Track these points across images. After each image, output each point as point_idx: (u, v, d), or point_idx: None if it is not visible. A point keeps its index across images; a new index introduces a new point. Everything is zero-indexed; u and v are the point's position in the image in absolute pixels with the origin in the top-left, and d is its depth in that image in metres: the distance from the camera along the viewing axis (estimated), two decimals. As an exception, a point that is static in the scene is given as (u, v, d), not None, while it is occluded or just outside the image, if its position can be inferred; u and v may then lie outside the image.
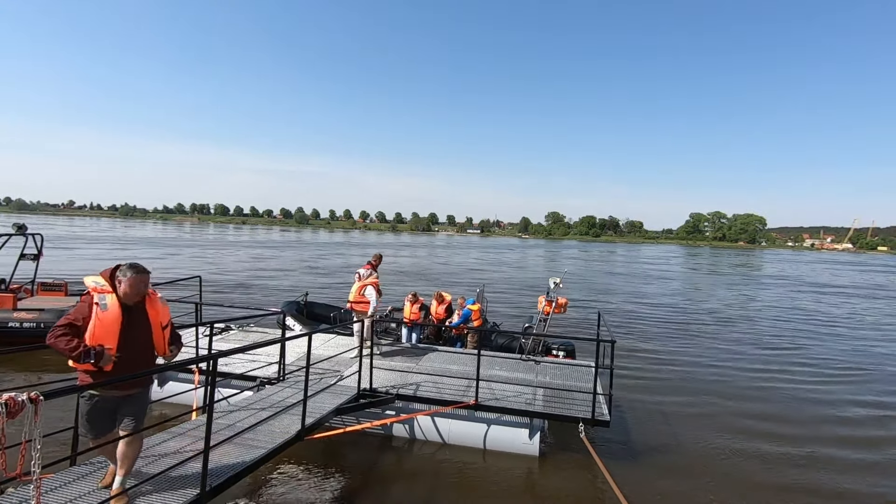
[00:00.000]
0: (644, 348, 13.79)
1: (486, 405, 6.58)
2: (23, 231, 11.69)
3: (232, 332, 9.62)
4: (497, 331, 10.75)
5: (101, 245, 45.03)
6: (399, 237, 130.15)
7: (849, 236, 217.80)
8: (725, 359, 13.09)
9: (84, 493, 3.60)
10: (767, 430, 8.22)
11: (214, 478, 3.97)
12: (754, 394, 10.13)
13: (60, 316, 10.58)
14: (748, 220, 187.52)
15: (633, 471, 6.48)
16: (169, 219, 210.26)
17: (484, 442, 6.76)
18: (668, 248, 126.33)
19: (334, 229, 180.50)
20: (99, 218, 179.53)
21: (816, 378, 11.60)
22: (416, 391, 6.91)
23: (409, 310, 9.80)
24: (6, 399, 2.73)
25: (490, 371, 7.82)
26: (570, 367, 8.55)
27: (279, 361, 7.10)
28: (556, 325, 11.05)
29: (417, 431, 6.92)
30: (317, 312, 11.80)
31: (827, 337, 17.20)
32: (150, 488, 3.73)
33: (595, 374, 6.84)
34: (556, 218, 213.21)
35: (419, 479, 6.04)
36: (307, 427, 5.29)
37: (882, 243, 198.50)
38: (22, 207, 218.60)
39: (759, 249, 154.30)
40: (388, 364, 7.88)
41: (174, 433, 4.77)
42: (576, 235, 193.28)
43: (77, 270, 24.16)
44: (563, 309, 9.68)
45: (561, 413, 6.50)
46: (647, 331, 16.60)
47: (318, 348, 8.56)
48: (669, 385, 10.44)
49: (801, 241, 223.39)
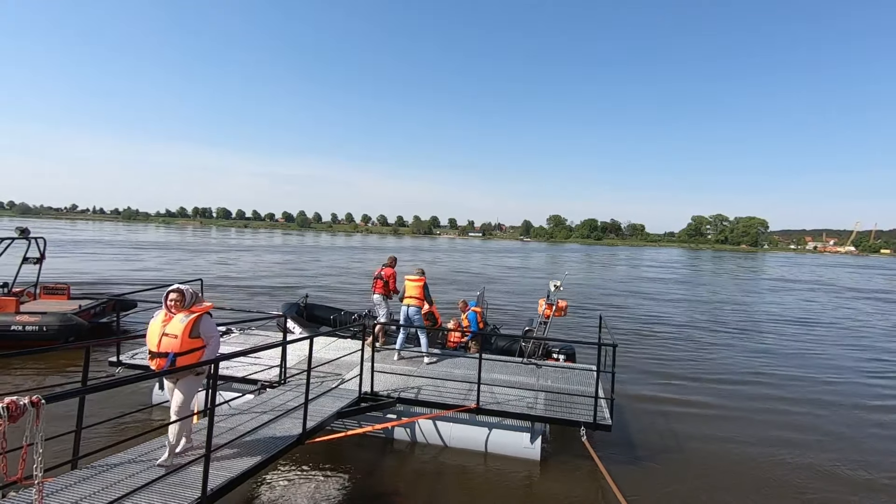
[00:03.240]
0: (646, 352, 13.75)
1: (487, 409, 6.57)
2: (25, 235, 11.75)
3: (233, 336, 9.63)
4: (497, 334, 10.73)
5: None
6: (401, 240, 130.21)
7: (851, 239, 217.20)
8: (730, 363, 13.04)
9: (86, 496, 3.60)
10: (770, 433, 8.19)
11: (215, 481, 3.97)
12: (757, 396, 10.10)
13: (63, 319, 10.68)
14: (750, 222, 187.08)
15: (635, 475, 6.46)
16: (171, 222, 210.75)
17: (485, 446, 6.75)
18: (669, 251, 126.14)
19: (336, 233, 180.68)
20: (101, 221, 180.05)
21: (821, 381, 11.55)
22: (417, 394, 6.91)
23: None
24: (8, 403, 2.74)
25: (491, 375, 7.81)
26: (571, 370, 8.53)
27: (280, 365, 7.10)
28: (556, 329, 11.03)
29: (419, 435, 6.91)
30: (317, 314, 11.79)
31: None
32: (151, 492, 3.73)
33: (597, 378, 6.83)
34: (558, 221, 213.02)
35: (420, 483, 6.03)
36: (308, 430, 5.29)
37: (885, 246, 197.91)
38: (25, 211, 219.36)
39: (761, 252, 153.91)
40: (390, 367, 7.87)
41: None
42: (577, 239, 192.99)
43: (78, 272, 24.25)
44: (563, 312, 9.66)
45: (562, 417, 6.48)
46: (650, 334, 16.55)
47: (320, 351, 8.56)
48: (671, 388, 10.40)
49: (804, 243, 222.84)
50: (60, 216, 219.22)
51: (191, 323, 4.29)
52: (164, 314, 4.36)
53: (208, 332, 4.41)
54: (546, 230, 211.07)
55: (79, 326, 10.78)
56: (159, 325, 4.31)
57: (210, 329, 4.43)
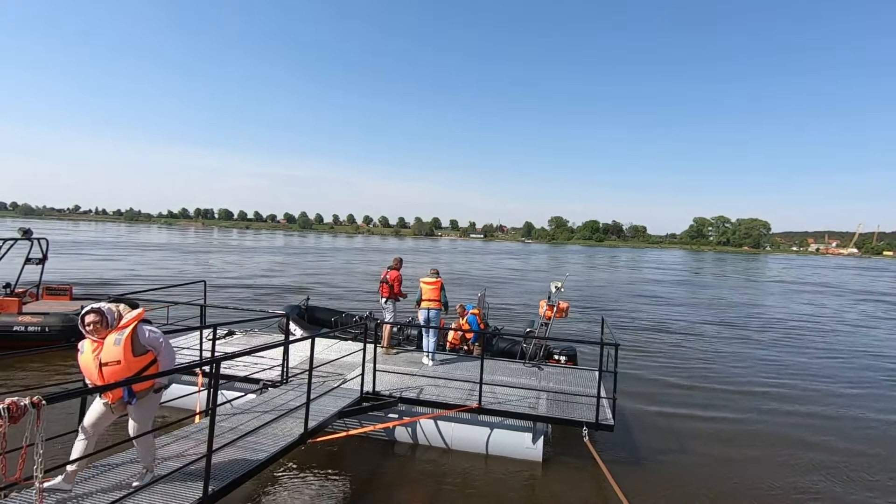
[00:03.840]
0: (648, 352, 13.71)
1: (489, 409, 6.56)
2: (28, 236, 11.77)
3: (235, 336, 9.64)
4: (499, 335, 10.72)
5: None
6: (403, 241, 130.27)
7: (854, 241, 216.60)
8: (731, 364, 13.00)
9: (87, 497, 3.60)
10: (772, 436, 8.16)
11: (217, 481, 3.96)
12: (762, 400, 10.06)
13: (65, 320, 10.69)
14: (752, 224, 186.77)
15: (637, 475, 6.43)
16: (173, 223, 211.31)
17: (487, 446, 6.72)
18: (671, 253, 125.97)
19: (337, 234, 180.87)
20: (104, 222, 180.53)
21: (825, 385, 11.50)
22: (419, 394, 6.90)
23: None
24: (9, 403, 2.74)
25: (493, 375, 7.79)
26: (573, 371, 8.51)
27: (282, 364, 7.10)
28: (558, 330, 11.01)
29: (420, 435, 6.89)
30: (318, 316, 11.81)
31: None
32: (153, 492, 3.73)
33: (599, 378, 6.81)
34: (559, 222, 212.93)
35: (422, 483, 6.02)
36: (310, 430, 5.28)
37: (887, 248, 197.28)
38: (28, 212, 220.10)
39: (763, 254, 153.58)
40: (391, 367, 7.86)
41: (177, 436, 4.78)
42: (579, 240, 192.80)
43: (81, 273, 24.30)
44: (564, 313, 9.64)
45: (564, 417, 6.47)
46: (652, 336, 16.52)
47: (321, 352, 8.56)
48: (674, 389, 10.37)
49: (806, 245, 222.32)
50: (63, 217, 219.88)
51: (128, 340, 3.67)
52: (90, 343, 3.66)
53: (152, 340, 3.81)
54: (547, 232, 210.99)
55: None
56: (90, 357, 3.62)
57: (153, 336, 3.83)
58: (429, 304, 8.57)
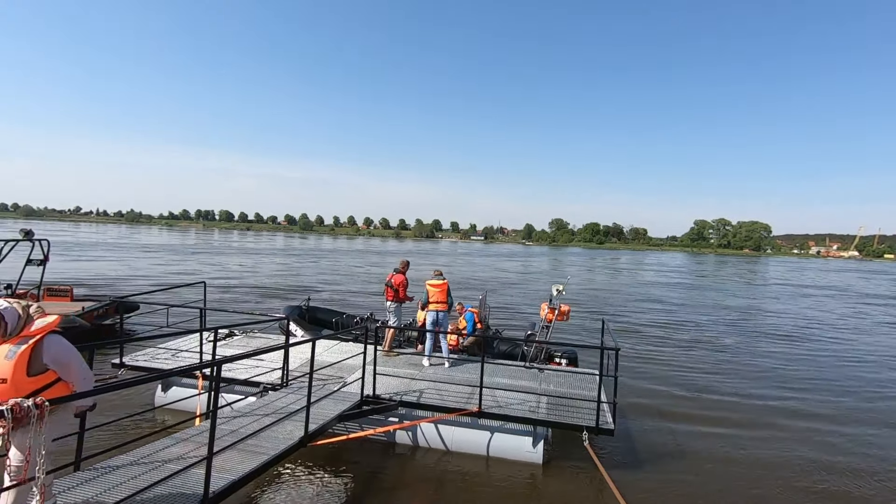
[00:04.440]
0: (649, 357, 13.71)
1: (489, 412, 6.55)
2: (29, 237, 11.80)
3: (236, 338, 9.64)
4: (499, 338, 10.72)
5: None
6: (403, 243, 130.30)
7: (855, 244, 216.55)
8: (734, 370, 12.99)
9: (88, 498, 3.60)
10: (774, 439, 8.14)
11: (217, 484, 3.96)
12: (764, 404, 10.04)
13: (66, 321, 10.68)
14: (753, 227, 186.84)
15: (638, 480, 6.42)
16: (174, 225, 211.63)
17: (487, 449, 6.72)
18: (672, 256, 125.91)
19: (338, 235, 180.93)
20: (105, 224, 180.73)
21: (829, 391, 11.48)
22: (419, 398, 6.89)
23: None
24: (12, 405, 2.75)
25: (493, 378, 7.78)
26: (573, 374, 8.51)
27: (283, 367, 7.10)
28: (559, 333, 11.01)
29: (420, 438, 6.89)
30: (319, 317, 11.81)
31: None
32: (153, 494, 3.73)
33: (599, 382, 6.80)
34: (560, 225, 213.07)
35: (422, 487, 6.01)
36: (310, 433, 5.28)
37: (888, 251, 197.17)
38: (29, 213, 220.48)
39: (764, 257, 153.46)
40: (392, 371, 7.87)
41: (177, 439, 4.78)
42: (580, 242, 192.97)
43: (81, 274, 24.32)
44: (565, 316, 9.64)
45: (564, 421, 6.46)
46: (653, 339, 16.51)
47: (322, 354, 8.56)
48: (674, 394, 10.35)
49: (807, 248, 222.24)
50: (64, 218, 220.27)
51: (27, 354, 2.98)
52: None
53: (62, 356, 3.14)
54: (548, 234, 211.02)
55: (82, 328, 10.81)
56: None
57: (64, 352, 3.16)
58: (437, 307, 8.59)
